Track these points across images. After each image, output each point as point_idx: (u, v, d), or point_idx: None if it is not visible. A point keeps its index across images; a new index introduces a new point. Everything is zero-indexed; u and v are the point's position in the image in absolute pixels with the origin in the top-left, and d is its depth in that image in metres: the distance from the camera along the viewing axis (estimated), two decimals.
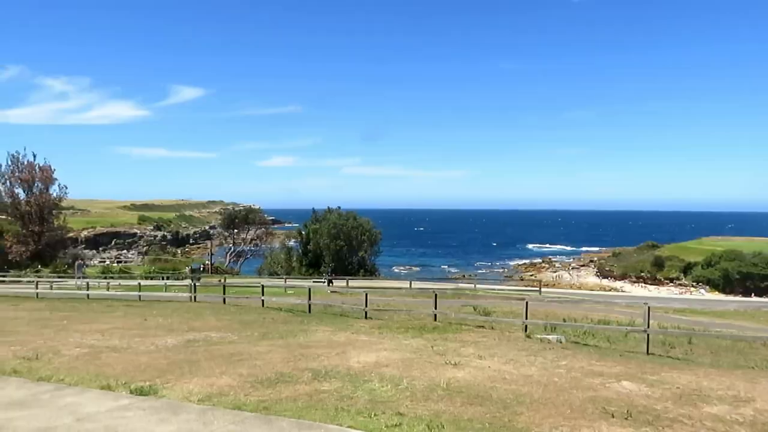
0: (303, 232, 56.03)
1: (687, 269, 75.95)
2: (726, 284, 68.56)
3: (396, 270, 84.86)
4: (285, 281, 39.05)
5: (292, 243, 62.25)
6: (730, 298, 56.27)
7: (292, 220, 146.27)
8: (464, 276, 75.65)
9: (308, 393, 7.93)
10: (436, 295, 17.94)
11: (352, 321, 17.83)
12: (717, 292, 66.43)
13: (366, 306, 19.02)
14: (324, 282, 39.69)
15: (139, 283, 33.01)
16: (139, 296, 27.67)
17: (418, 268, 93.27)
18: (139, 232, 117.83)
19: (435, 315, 17.42)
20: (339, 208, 57.42)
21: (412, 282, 41.08)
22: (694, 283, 72.14)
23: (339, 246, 52.03)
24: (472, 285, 40.88)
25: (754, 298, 56.11)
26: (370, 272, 52.65)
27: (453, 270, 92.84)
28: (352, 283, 38.97)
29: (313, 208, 58.88)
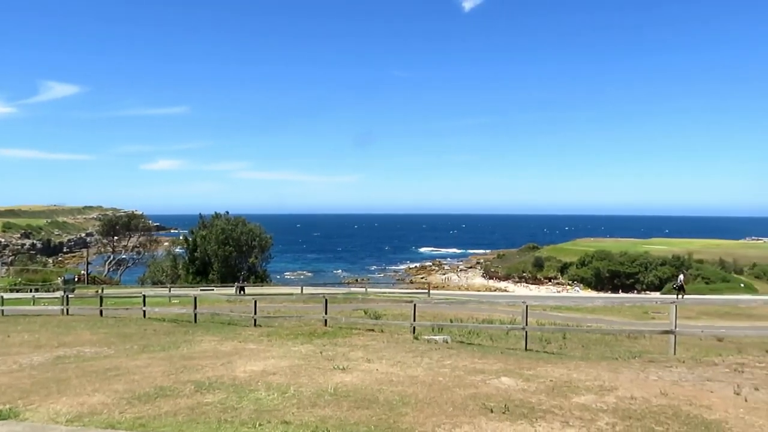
0: (189, 239, 53.89)
1: (564, 269, 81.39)
2: (597, 282, 74.19)
3: (288, 276, 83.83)
4: (170, 290, 37.30)
5: (178, 250, 59.68)
6: (601, 294, 60.87)
7: (178, 227, 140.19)
8: (357, 280, 76.13)
9: (190, 406, 7.59)
10: (326, 300, 17.88)
11: (241, 329, 17.35)
12: (590, 290, 71.67)
13: (255, 313, 18.60)
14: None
15: (1, 297, 30.07)
16: (1, 311, 25.24)
17: (310, 274, 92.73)
18: (3, 240, 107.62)
19: (325, 320, 17.36)
20: (227, 213, 55.75)
21: (304, 288, 40.74)
22: (570, 282, 77.46)
23: (228, 252, 50.56)
24: (364, 289, 41.23)
25: (620, 294, 61.12)
26: (261, 279, 51.58)
27: (346, 275, 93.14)
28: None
29: (200, 214, 56.77)
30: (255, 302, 19.06)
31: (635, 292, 67.13)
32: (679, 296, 34.95)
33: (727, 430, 6.26)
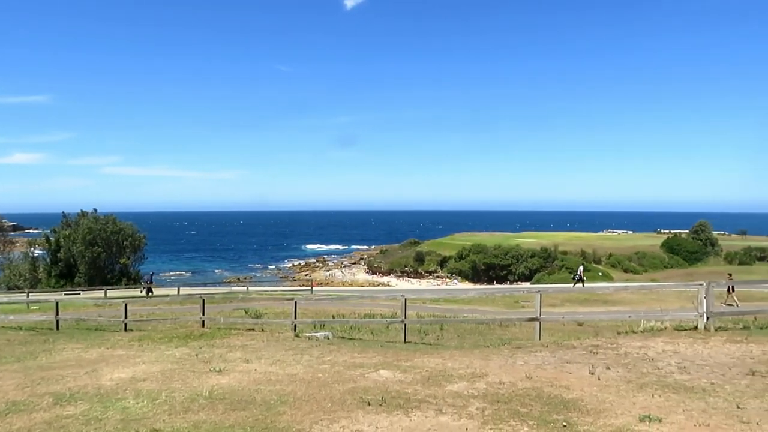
0: (52, 239, 49.58)
1: (443, 262, 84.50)
2: (474, 274, 77.81)
3: (165, 277, 79.78)
4: (27, 296, 34.16)
5: (38, 252, 54.64)
6: (477, 286, 63.93)
7: (38, 226, 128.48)
8: (239, 279, 74.28)
9: (47, 420, 6.99)
10: (203, 300, 17.25)
11: (109, 335, 16.27)
12: (467, 282, 75.04)
13: (125, 317, 17.52)
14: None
15: None
16: None
17: (189, 274, 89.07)
18: None
19: (203, 321, 16.74)
20: (95, 211, 51.99)
21: (181, 288, 38.97)
22: (449, 275, 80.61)
23: (96, 253, 47.19)
24: (246, 288, 40.27)
25: (495, 285, 64.55)
26: (135, 280, 48.67)
27: (227, 274, 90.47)
28: (112, 293, 35.58)
29: (63, 212, 52.45)
30: (125, 305, 17.95)
31: (508, 282, 71.26)
32: (577, 285, 37.79)
33: (582, 407, 6.80)
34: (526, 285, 62.81)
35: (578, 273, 41.50)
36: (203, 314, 16.82)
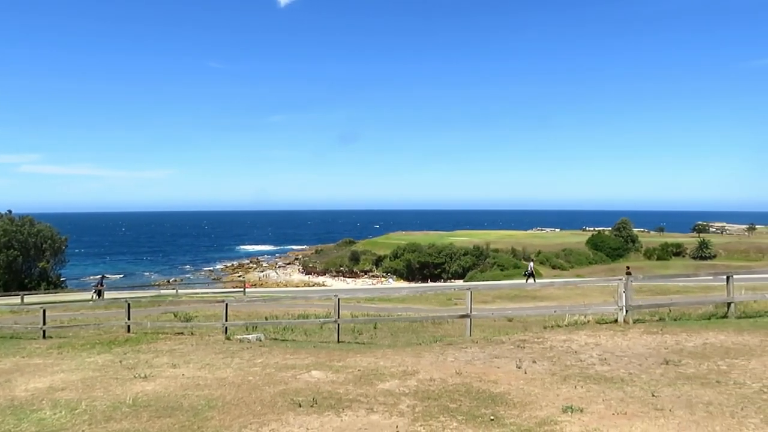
0: None
1: (378, 262, 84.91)
2: (409, 273, 78.56)
3: (90, 280, 76.30)
4: None
5: None
6: (411, 284, 64.58)
7: None
8: (169, 282, 71.97)
9: None
10: (129, 304, 16.57)
11: (26, 343, 15.40)
12: (402, 281, 75.68)
13: (44, 324, 16.63)
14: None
15: None
16: None
17: (116, 277, 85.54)
18: None
19: (128, 326, 16.09)
20: (10, 212, 49.12)
21: (106, 292, 37.37)
22: (384, 274, 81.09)
23: (12, 257, 44.56)
24: (175, 290, 39.09)
25: (429, 284, 65.40)
26: (55, 285, 46.29)
27: (157, 276, 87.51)
28: (29, 298, 33.68)
29: None
30: (44, 311, 17.02)
31: (442, 280, 72.36)
32: (529, 281, 38.58)
33: (509, 400, 6.99)
34: (460, 283, 64.00)
35: (529, 269, 42.52)
36: (129, 319, 16.17)
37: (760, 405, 6.41)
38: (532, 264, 44.47)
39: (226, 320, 15.10)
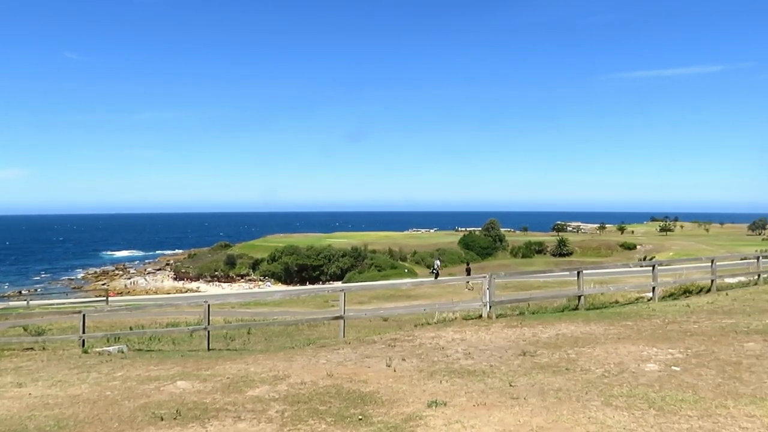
0: None
1: (255, 265, 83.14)
2: (287, 276, 77.67)
3: None
4: None
5: None
6: (289, 288, 63.89)
7: None
8: (21, 292, 65.44)
9: None
10: None
11: None
12: (280, 284, 74.64)
13: None
14: None
15: None
16: None
17: None
18: None
19: None
20: None
21: None
22: (262, 278, 79.51)
23: None
24: (26, 302, 35.65)
25: (307, 286, 65.06)
26: None
27: (6, 286, 79.24)
28: None
29: None
30: None
31: (321, 282, 72.29)
32: (437, 278, 39.03)
33: (378, 399, 7.12)
34: (338, 284, 64.28)
35: (435, 267, 43.62)
36: None
37: (601, 388, 7.05)
38: (438, 262, 45.91)
39: (84, 332, 14.02)
